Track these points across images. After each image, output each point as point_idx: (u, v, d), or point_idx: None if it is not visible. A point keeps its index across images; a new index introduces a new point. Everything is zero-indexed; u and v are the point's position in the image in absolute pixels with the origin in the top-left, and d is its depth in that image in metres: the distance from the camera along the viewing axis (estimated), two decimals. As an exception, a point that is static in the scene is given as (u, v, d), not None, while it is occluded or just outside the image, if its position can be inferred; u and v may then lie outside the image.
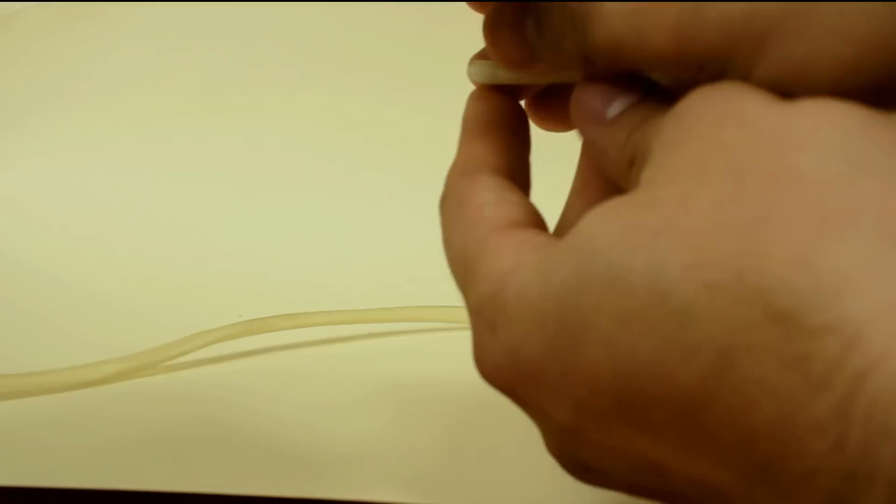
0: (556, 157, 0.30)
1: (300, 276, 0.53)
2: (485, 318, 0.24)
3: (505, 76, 0.28)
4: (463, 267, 0.25)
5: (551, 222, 0.27)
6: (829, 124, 0.20)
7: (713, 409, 0.19)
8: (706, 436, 0.20)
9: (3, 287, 0.51)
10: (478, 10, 0.29)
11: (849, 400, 0.17)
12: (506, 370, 0.23)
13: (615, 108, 0.26)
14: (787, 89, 0.22)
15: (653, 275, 0.20)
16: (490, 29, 0.27)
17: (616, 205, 0.22)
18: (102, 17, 0.68)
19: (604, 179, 0.27)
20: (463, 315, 0.25)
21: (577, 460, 0.24)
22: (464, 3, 0.30)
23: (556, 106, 0.30)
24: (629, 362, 0.20)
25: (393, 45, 0.62)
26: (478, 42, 0.28)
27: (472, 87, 0.30)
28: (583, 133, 0.26)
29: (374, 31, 0.62)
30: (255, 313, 0.43)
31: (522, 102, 0.30)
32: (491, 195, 0.26)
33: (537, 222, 0.26)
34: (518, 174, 0.27)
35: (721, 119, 0.21)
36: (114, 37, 0.67)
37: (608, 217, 0.22)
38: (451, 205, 0.26)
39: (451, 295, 0.27)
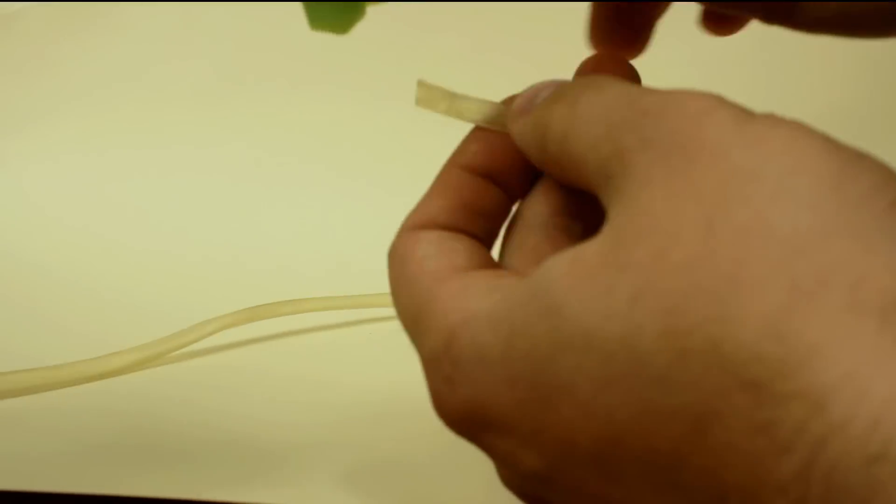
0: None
1: (298, 268, 0.55)
2: (440, 372, 0.23)
3: (450, 107, 0.28)
4: (412, 321, 0.25)
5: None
6: (805, 168, 0.19)
7: (688, 469, 0.20)
8: (681, 492, 0.20)
9: (13, 285, 0.52)
10: None
11: (810, 463, 0.18)
12: (470, 421, 0.23)
13: (541, 95, 0.26)
14: None
15: (630, 343, 0.20)
16: None
17: (586, 264, 0.21)
18: (103, 18, 0.68)
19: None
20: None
21: (542, 499, 0.24)
22: (460, 6, 0.30)
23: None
24: (606, 424, 0.20)
25: (393, 46, 0.63)
26: (472, 45, 0.29)
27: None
28: (512, 130, 0.26)
29: (376, 32, 0.62)
30: (256, 302, 0.44)
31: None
32: (432, 248, 0.25)
33: (484, 262, 0.25)
34: (476, 227, 0.26)
35: (694, 151, 0.21)
36: (114, 37, 0.68)
37: (579, 277, 0.21)
38: (396, 261, 0.26)
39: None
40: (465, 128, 0.30)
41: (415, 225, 0.26)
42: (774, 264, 0.18)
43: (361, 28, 0.34)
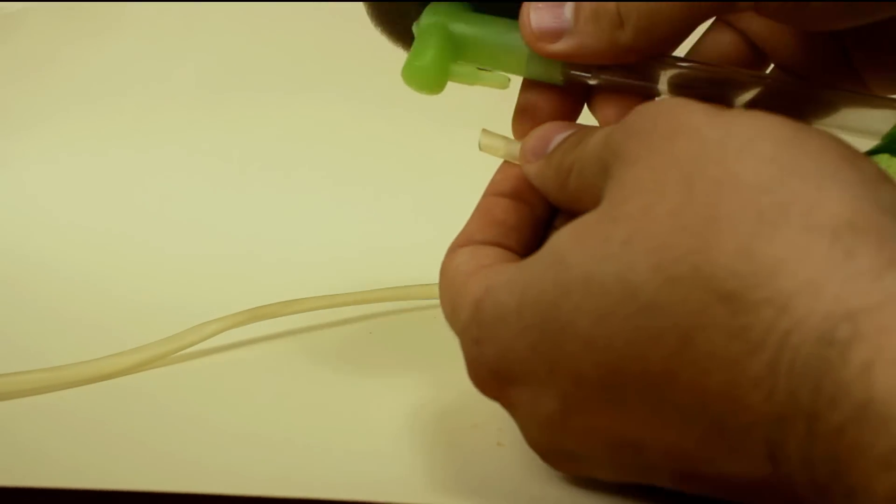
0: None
1: (298, 267, 0.55)
2: (469, 336, 0.27)
3: (508, 152, 0.32)
4: (451, 311, 0.29)
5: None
6: (764, 135, 0.23)
7: (677, 382, 0.23)
8: (672, 407, 0.23)
9: (15, 287, 0.52)
10: None
11: (778, 356, 0.21)
12: (496, 376, 0.27)
13: (554, 143, 0.30)
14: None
15: (624, 277, 0.23)
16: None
17: (585, 223, 0.25)
18: (103, 18, 0.68)
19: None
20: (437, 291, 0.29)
21: (562, 449, 0.27)
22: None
23: None
24: (607, 352, 0.24)
25: (394, 48, 0.63)
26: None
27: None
28: (527, 171, 0.31)
29: (376, 33, 0.62)
30: (257, 302, 0.44)
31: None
32: (466, 257, 0.30)
33: (510, 259, 0.30)
34: (509, 240, 0.31)
35: (671, 133, 0.25)
36: (115, 37, 0.68)
37: (580, 233, 0.25)
38: (440, 275, 0.30)
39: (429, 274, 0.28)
40: (457, 131, 0.32)
41: (455, 245, 0.31)
42: (743, 202, 0.22)
43: (361, 29, 0.35)
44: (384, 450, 0.34)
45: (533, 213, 0.31)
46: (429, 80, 0.32)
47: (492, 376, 0.27)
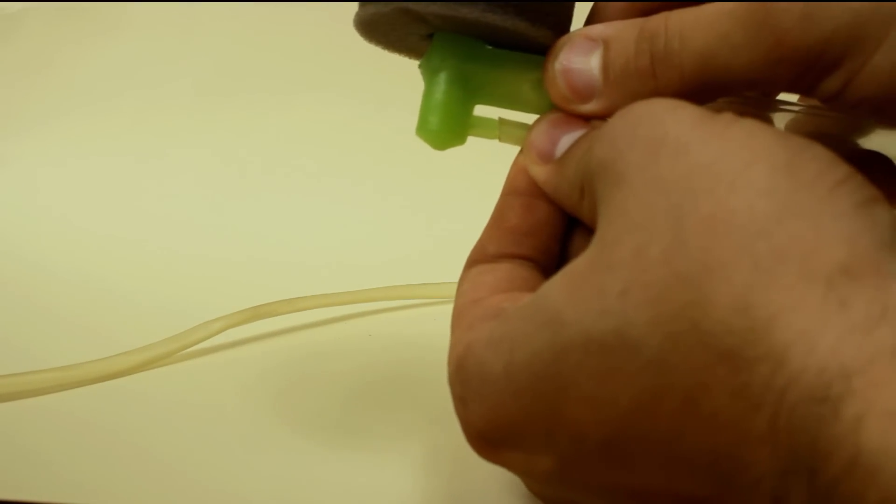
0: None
1: (299, 266, 0.56)
2: (455, 395, 0.26)
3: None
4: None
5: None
6: (758, 159, 0.22)
7: (685, 440, 0.22)
8: (680, 462, 0.22)
9: (19, 287, 0.52)
10: None
11: (776, 413, 0.20)
12: (486, 439, 0.25)
13: (563, 144, 0.28)
14: None
15: (624, 333, 0.22)
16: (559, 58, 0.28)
17: (578, 273, 0.23)
18: (103, 18, 0.68)
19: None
20: (433, 291, 0.28)
21: (563, 499, 0.26)
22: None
23: None
24: (611, 411, 0.23)
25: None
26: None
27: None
28: (535, 176, 0.28)
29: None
30: (259, 301, 0.45)
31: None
32: (467, 285, 0.28)
33: (508, 286, 0.28)
34: (524, 248, 0.29)
35: (655, 145, 0.23)
36: (116, 37, 0.68)
37: (573, 287, 0.23)
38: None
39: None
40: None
41: (470, 261, 0.29)
42: (738, 248, 0.21)
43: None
44: (381, 450, 0.35)
45: (551, 210, 0.29)
46: (448, 141, 0.29)
47: (481, 437, 0.26)
